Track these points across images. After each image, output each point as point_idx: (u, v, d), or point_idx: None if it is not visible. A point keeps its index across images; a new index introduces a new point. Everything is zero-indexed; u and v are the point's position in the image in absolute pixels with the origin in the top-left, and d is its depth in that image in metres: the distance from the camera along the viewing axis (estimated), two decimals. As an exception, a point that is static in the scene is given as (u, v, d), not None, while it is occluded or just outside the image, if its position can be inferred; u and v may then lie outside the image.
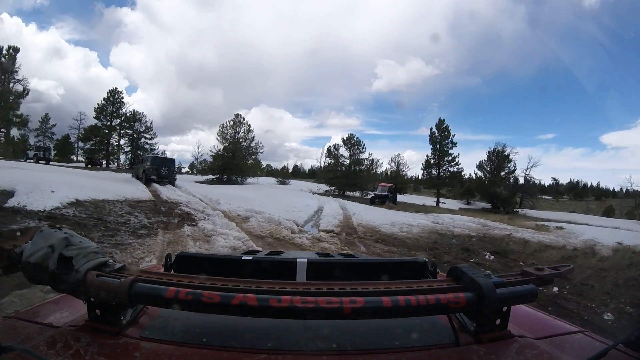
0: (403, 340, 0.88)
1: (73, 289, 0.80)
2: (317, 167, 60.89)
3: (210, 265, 1.30)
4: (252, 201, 17.55)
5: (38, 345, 0.77)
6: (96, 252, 0.88)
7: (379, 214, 18.57)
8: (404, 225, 14.84)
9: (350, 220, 15.50)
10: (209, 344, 0.82)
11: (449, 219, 18.94)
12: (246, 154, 46.63)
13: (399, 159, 59.05)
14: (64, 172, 20.53)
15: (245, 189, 28.37)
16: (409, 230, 14.02)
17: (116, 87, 53.43)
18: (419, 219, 18.22)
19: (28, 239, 0.92)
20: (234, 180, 42.23)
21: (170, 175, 23.67)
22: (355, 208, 20.53)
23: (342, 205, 21.72)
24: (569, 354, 0.87)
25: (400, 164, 59.05)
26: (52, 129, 53.54)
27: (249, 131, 47.22)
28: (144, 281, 0.79)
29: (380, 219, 16.21)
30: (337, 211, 17.89)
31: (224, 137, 46.61)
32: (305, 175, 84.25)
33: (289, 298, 0.72)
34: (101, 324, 0.84)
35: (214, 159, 45.79)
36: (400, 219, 16.92)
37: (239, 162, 44.61)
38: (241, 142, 46.60)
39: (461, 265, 0.90)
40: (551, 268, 0.97)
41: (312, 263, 1.26)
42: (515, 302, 0.88)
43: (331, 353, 0.82)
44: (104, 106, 51.91)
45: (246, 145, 46.84)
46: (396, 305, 0.73)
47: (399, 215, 18.91)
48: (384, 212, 21.00)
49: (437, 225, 16.12)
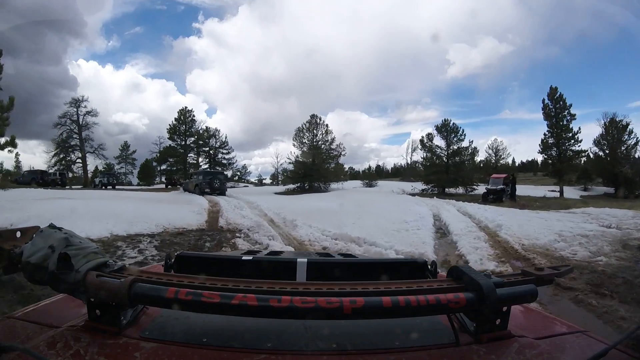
0: (403, 340, 0.87)
1: (73, 289, 0.81)
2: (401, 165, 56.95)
3: (210, 265, 1.29)
4: (341, 216, 13.02)
5: (38, 345, 0.77)
6: (96, 252, 0.88)
7: (524, 220, 12.64)
8: (575, 238, 9.41)
9: (497, 237, 9.91)
10: (209, 344, 0.82)
11: (609, 217, 13.38)
12: (327, 157, 41.61)
13: (497, 144, 51.09)
14: (116, 197, 18.91)
15: (330, 197, 24.03)
16: (592, 246, 8.70)
17: (186, 107, 54.32)
18: (575, 221, 12.69)
19: (28, 239, 0.96)
20: (316, 187, 38.31)
21: (222, 187, 26.05)
22: (482, 213, 14.20)
23: (462, 210, 15.87)
24: (569, 354, 0.88)
25: (498, 150, 51.03)
26: (132, 155, 58.02)
27: (327, 132, 42.22)
28: (143, 281, 0.79)
29: (536, 229, 10.65)
30: (464, 222, 12.31)
31: (300, 141, 42.16)
32: (388, 175, 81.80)
33: (289, 298, 0.71)
34: (101, 324, 0.83)
35: (294, 167, 41.84)
36: (555, 224, 11.71)
37: (320, 168, 39.82)
38: (320, 146, 41.81)
39: (461, 265, 0.91)
40: (551, 268, 0.96)
41: (312, 263, 1.24)
42: (515, 302, 0.88)
43: (331, 353, 0.81)
44: (176, 126, 52.52)
45: (326, 148, 41.92)
46: (396, 305, 0.73)
47: (550, 219, 13.23)
48: (524, 215, 14.83)
49: (612, 231, 10.59)
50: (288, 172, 44.60)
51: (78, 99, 46.87)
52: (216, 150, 52.76)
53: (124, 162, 57.84)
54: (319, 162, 40.35)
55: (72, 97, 46.83)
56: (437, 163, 40.16)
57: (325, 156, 41.51)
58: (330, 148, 42.06)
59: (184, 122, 52.44)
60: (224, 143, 53.25)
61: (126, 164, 58.11)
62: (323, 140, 42.07)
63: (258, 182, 64.22)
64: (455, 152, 40.06)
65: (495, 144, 51.29)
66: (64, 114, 46.34)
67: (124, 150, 57.98)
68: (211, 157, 52.26)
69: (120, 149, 57.75)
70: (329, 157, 41.80)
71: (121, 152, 57.68)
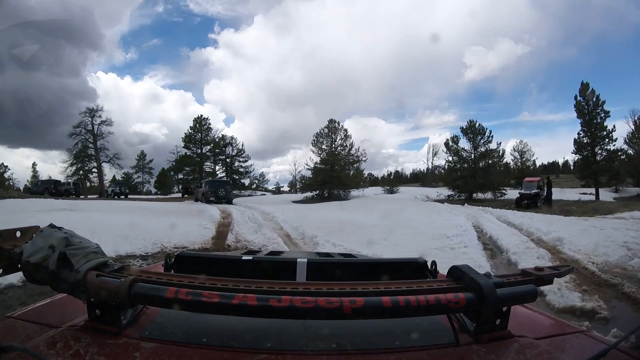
0: (403, 340, 0.87)
1: (73, 289, 0.81)
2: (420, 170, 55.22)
3: (210, 265, 1.29)
4: (369, 230, 11.31)
5: (38, 345, 0.77)
6: (96, 252, 0.88)
7: (579, 230, 10.69)
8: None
9: (561, 254, 8.14)
10: (209, 344, 0.82)
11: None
12: (346, 163, 39.80)
13: (522, 146, 49.43)
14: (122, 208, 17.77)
15: (352, 206, 22.36)
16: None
17: (201, 115, 53.65)
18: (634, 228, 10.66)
19: (28, 239, 0.95)
20: (335, 195, 36.43)
21: (228, 196, 25.80)
22: (529, 222, 12.06)
23: (504, 219, 13.65)
24: (569, 354, 0.89)
25: (524, 152, 49.48)
26: (149, 164, 57.99)
27: (346, 137, 40.49)
28: (143, 281, 0.79)
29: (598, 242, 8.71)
30: (513, 234, 10.39)
31: (319, 147, 40.49)
32: (407, 180, 78.91)
33: (289, 298, 0.71)
34: (101, 324, 0.83)
35: (312, 174, 40.21)
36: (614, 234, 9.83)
37: (339, 174, 38.01)
38: (339, 152, 40.29)
39: (461, 265, 0.90)
40: (551, 268, 0.96)
41: (312, 263, 1.24)
42: (515, 302, 0.88)
43: (331, 353, 0.82)
44: (192, 135, 51.71)
45: (345, 153, 40.20)
46: (396, 305, 0.73)
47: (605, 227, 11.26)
48: (575, 224, 12.72)
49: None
50: (306, 179, 42.72)
51: (93, 108, 46.71)
52: (233, 158, 52.04)
53: (141, 171, 58.00)
54: (338, 168, 38.58)
55: (86, 107, 46.93)
56: (464, 167, 37.82)
57: (345, 162, 39.66)
58: (349, 153, 40.16)
59: (200, 130, 51.77)
60: (241, 151, 52.51)
61: (143, 173, 58.31)
62: (342, 146, 40.39)
63: (276, 190, 62.82)
64: (483, 155, 37.40)
65: (521, 146, 49.54)
66: (79, 123, 46.19)
67: (140, 159, 58.16)
68: (228, 166, 51.61)
69: (137, 159, 58.03)
70: (348, 162, 39.95)
71: (138, 162, 57.91)
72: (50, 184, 36.72)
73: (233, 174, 50.53)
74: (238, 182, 50.46)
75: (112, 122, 47.07)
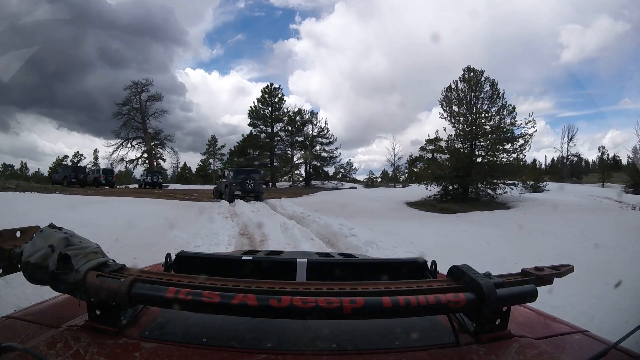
0: (403, 340, 0.87)
1: (73, 289, 0.80)
2: None
3: (210, 265, 1.30)
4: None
5: (38, 345, 0.77)
6: (96, 252, 0.88)
7: None
8: None
9: None
10: (209, 344, 0.81)
11: None
12: (496, 140, 22.01)
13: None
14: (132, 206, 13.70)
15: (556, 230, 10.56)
16: None
17: (271, 83, 42.84)
18: None
19: (28, 238, 0.94)
20: (481, 194, 21.75)
21: (256, 189, 19.83)
22: None
23: None
24: (569, 354, 0.89)
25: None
26: (220, 150, 49.38)
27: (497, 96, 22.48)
28: (143, 281, 0.79)
29: None
30: None
31: (451, 112, 22.91)
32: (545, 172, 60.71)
33: (289, 298, 0.71)
34: (101, 324, 0.83)
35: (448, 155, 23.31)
36: None
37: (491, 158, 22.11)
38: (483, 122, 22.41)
39: (461, 265, 0.90)
40: (551, 268, 0.96)
41: (312, 263, 1.25)
42: (515, 302, 0.88)
43: (331, 353, 0.82)
44: (259, 109, 41.07)
45: (493, 124, 22.27)
46: (396, 305, 0.73)
47: None
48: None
49: None
50: (433, 167, 23.70)
51: (139, 82, 39.72)
52: (313, 139, 40.62)
53: (213, 157, 49.74)
54: (486, 148, 22.12)
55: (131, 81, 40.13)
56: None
57: (493, 140, 22.04)
58: (499, 125, 22.06)
59: (270, 103, 40.84)
60: (323, 130, 40.42)
61: (214, 159, 49.85)
62: (486, 112, 22.38)
63: (368, 181, 48.45)
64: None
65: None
66: (125, 100, 39.07)
67: (211, 145, 49.39)
68: (306, 148, 40.78)
69: (208, 144, 49.65)
70: (501, 140, 21.93)
71: (208, 148, 49.44)
72: (71, 170, 30.33)
73: (314, 160, 40.68)
74: (320, 170, 41.71)
75: (161, 97, 40.65)
